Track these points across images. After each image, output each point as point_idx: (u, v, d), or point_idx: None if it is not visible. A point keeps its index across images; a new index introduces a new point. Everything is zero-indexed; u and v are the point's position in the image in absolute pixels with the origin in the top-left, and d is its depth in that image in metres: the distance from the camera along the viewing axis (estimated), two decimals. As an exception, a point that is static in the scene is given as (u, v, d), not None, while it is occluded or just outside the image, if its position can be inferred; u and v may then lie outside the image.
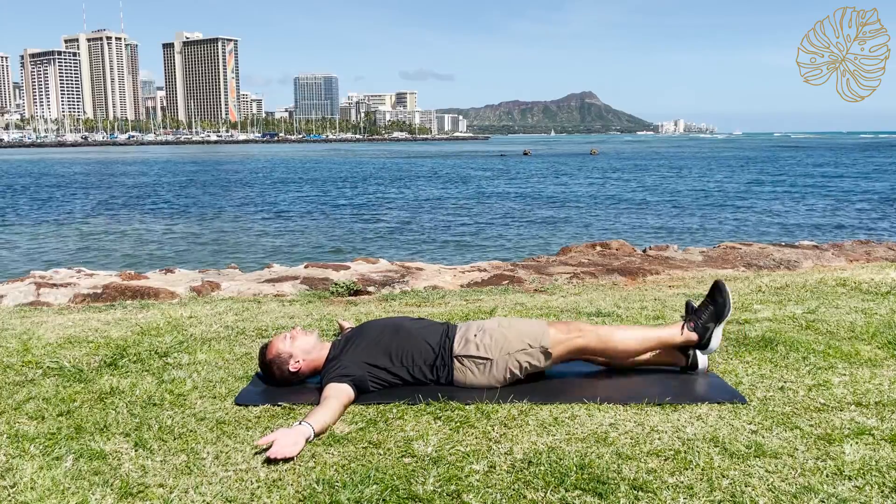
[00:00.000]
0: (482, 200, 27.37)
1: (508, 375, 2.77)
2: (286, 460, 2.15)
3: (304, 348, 2.86)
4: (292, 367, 2.83)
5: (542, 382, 2.85)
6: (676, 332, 2.89)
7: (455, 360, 2.77)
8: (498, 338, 2.78)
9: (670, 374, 2.94)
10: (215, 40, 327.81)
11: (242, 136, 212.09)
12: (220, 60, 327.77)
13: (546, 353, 2.77)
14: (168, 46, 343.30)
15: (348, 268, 6.14)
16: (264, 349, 2.89)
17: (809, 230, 18.16)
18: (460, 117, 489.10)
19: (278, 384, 2.85)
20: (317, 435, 2.31)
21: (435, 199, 28.54)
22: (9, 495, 1.97)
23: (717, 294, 2.89)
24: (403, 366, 2.79)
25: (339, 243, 17.09)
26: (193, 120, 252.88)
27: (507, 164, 61.39)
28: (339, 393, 2.56)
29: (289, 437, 2.20)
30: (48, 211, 24.71)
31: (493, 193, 30.74)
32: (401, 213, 23.25)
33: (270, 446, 2.18)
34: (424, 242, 17.01)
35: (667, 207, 24.39)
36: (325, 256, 14.49)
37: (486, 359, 2.76)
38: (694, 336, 2.88)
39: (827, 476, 2.01)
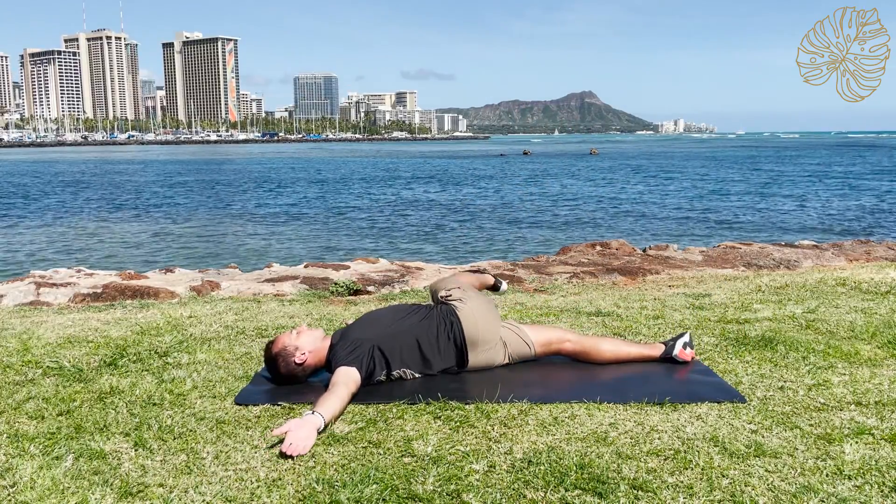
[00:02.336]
0: (482, 200, 27.36)
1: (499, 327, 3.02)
2: (286, 456, 2.15)
3: (309, 341, 2.91)
4: (298, 359, 2.86)
5: (542, 382, 2.86)
6: (647, 352, 3.14)
7: (452, 308, 3.00)
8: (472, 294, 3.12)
9: (670, 374, 2.94)
10: (215, 40, 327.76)
11: (242, 136, 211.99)
12: (220, 60, 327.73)
13: (531, 355, 3.07)
14: (168, 46, 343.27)
15: (348, 267, 6.14)
16: (270, 344, 2.93)
17: (809, 230, 18.17)
18: (460, 117, 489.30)
19: (282, 379, 2.87)
20: (327, 424, 2.34)
21: (435, 198, 28.54)
22: (9, 495, 1.97)
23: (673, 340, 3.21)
24: (412, 347, 2.88)
25: (339, 243, 17.10)
26: (193, 119, 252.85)
27: (506, 164, 61.38)
28: (347, 379, 2.61)
29: (302, 431, 2.22)
30: (48, 211, 24.70)
31: (492, 193, 30.73)
32: (401, 213, 23.25)
33: (283, 438, 2.20)
34: (424, 242, 17.01)
35: (667, 207, 24.39)
36: (325, 256, 14.49)
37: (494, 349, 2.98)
38: (661, 349, 3.14)
39: (827, 476, 2.01)
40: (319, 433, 2.29)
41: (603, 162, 63.56)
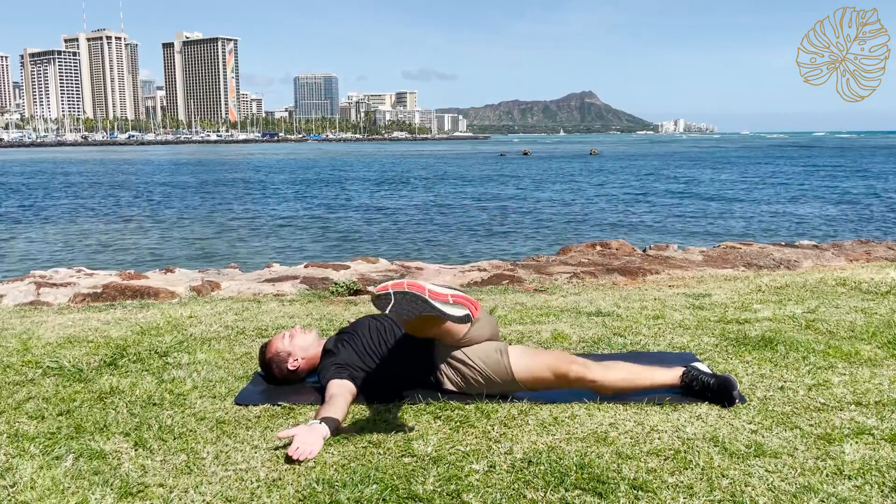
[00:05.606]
0: (481, 200, 27.36)
1: (482, 384, 2.66)
2: (292, 460, 2.15)
3: (302, 346, 2.89)
4: (291, 366, 2.85)
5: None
6: (667, 378, 2.68)
7: (441, 362, 2.70)
8: (482, 347, 2.69)
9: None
10: (215, 40, 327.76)
11: (242, 136, 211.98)
12: (220, 60, 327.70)
13: (511, 377, 2.62)
14: (168, 46, 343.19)
15: (348, 267, 6.14)
16: (264, 348, 2.92)
17: (809, 230, 18.16)
18: (460, 117, 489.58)
19: (278, 383, 2.87)
20: (332, 434, 2.32)
21: (434, 199, 28.54)
22: (9, 495, 1.97)
23: (725, 390, 2.56)
24: (392, 366, 2.78)
25: (340, 243, 17.10)
26: (193, 120, 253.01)
27: (506, 164, 61.38)
28: (342, 390, 2.58)
29: (310, 436, 2.21)
30: (48, 210, 24.70)
31: (492, 193, 30.72)
32: (401, 214, 23.24)
33: (290, 441, 2.19)
34: (424, 242, 17.01)
35: (667, 207, 24.39)
36: (326, 256, 14.49)
37: (468, 364, 2.66)
38: (678, 383, 2.67)
39: (827, 476, 2.01)
40: (325, 440, 2.28)
41: (603, 162, 63.54)
